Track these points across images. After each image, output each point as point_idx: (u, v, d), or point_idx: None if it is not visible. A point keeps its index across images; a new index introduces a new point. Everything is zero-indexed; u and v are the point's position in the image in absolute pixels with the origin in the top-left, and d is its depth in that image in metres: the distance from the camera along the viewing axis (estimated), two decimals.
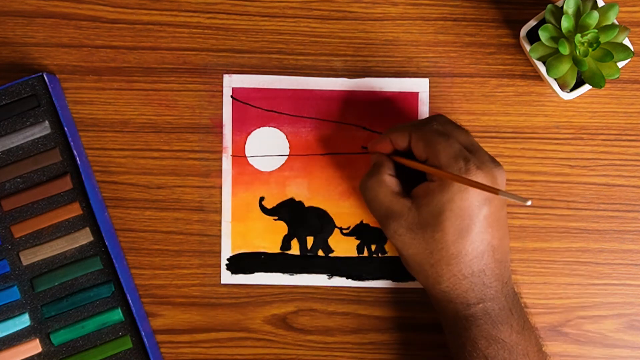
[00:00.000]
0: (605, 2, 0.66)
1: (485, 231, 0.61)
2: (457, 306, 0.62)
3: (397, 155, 0.66)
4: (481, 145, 0.64)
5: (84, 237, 0.69)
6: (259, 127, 0.71)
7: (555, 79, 0.66)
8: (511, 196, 0.54)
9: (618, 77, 0.64)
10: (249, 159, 0.71)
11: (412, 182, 0.64)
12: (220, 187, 0.71)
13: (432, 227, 0.61)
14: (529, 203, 0.53)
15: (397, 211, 0.62)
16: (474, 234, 0.60)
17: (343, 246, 0.71)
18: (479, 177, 0.60)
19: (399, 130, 0.64)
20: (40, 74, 0.68)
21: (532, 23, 0.66)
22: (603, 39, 0.63)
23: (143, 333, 0.68)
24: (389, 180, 0.64)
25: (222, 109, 0.71)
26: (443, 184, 0.60)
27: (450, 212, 0.60)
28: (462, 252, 0.61)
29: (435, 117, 0.64)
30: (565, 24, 0.63)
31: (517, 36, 0.70)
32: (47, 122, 0.68)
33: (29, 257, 0.68)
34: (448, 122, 0.64)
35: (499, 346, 0.61)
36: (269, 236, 0.71)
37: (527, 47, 0.66)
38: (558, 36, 0.64)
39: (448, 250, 0.61)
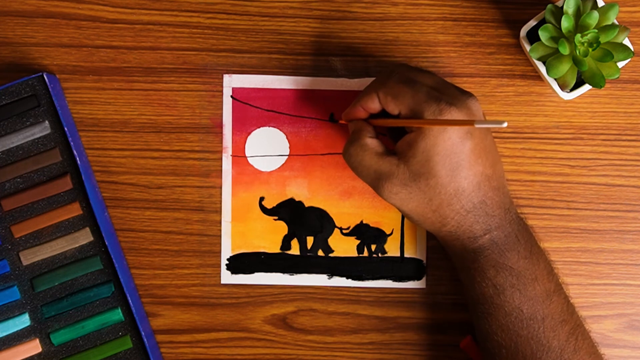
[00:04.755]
0: (605, 2, 0.66)
1: (476, 162, 0.61)
2: (464, 242, 0.62)
3: (372, 118, 0.65)
4: None
5: (84, 237, 0.69)
6: (259, 127, 0.71)
7: (555, 79, 0.66)
8: (486, 122, 0.53)
9: (618, 77, 0.64)
10: (249, 159, 0.71)
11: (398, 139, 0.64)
12: (220, 187, 0.71)
13: (425, 176, 0.60)
14: (504, 125, 0.51)
15: (386, 171, 0.61)
16: (465, 169, 0.60)
17: (343, 246, 0.71)
18: (453, 113, 0.60)
19: (366, 94, 0.63)
20: (40, 74, 0.68)
21: (532, 23, 0.66)
22: (603, 39, 0.63)
23: (143, 333, 0.68)
24: (370, 143, 0.63)
25: (222, 109, 0.71)
26: (422, 131, 0.60)
27: (437, 155, 0.60)
28: (459, 190, 0.61)
29: (397, 67, 0.63)
30: (565, 24, 0.63)
31: (517, 36, 0.70)
32: (47, 122, 0.68)
33: (29, 257, 0.68)
34: (410, 69, 0.63)
35: (507, 273, 0.62)
36: (269, 236, 0.71)
37: (527, 47, 0.66)
38: (558, 36, 0.64)
39: (446, 192, 0.60)
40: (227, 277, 0.71)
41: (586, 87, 0.66)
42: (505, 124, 0.51)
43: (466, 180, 0.61)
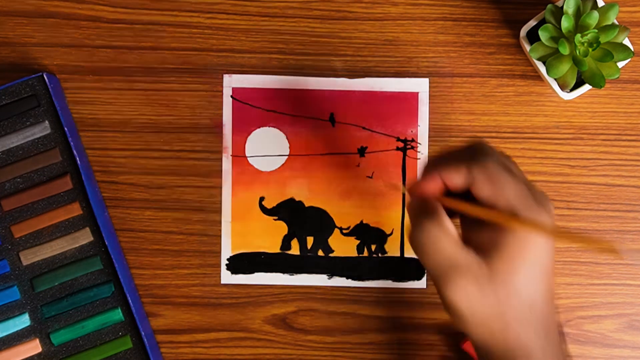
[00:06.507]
0: (605, 2, 0.66)
1: (549, 278, 0.53)
2: None
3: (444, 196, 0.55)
4: None
5: (84, 237, 0.69)
6: (259, 127, 0.71)
7: (555, 79, 0.66)
8: (634, 254, 0.47)
9: (618, 77, 0.64)
10: (249, 159, 0.71)
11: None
12: (220, 187, 0.71)
13: (505, 282, 0.51)
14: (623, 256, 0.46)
15: (463, 264, 0.52)
16: (542, 283, 0.52)
17: (343, 246, 0.71)
18: (543, 216, 0.52)
19: (452, 164, 0.53)
20: (40, 74, 0.68)
21: (532, 23, 0.66)
22: (603, 39, 0.63)
23: (143, 333, 0.68)
24: (451, 227, 0.53)
25: (222, 109, 0.71)
26: (512, 231, 0.51)
27: (524, 262, 0.51)
28: (533, 305, 0.52)
29: (489, 147, 0.54)
30: (565, 24, 0.63)
31: (517, 36, 0.70)
32: (47, 122, 0.68)
33: (29, 257, 0.68)
34: (502, 153, 0.55)
35: None
36: (269, 236, 0.71)
37: (527, 47, 0.66)
38: (558, 36, 0.64)
39: (521, 305, 0.52)
40: (227, 277, 0.71)
41: (586, 87, 0.66)
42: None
43: (538, 295, 0.52)
